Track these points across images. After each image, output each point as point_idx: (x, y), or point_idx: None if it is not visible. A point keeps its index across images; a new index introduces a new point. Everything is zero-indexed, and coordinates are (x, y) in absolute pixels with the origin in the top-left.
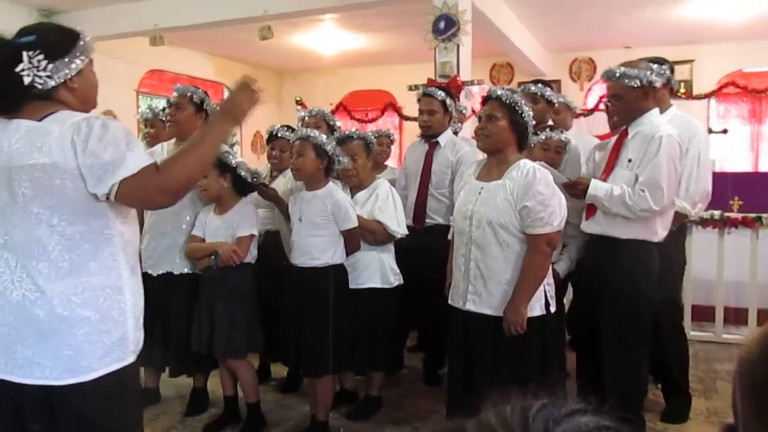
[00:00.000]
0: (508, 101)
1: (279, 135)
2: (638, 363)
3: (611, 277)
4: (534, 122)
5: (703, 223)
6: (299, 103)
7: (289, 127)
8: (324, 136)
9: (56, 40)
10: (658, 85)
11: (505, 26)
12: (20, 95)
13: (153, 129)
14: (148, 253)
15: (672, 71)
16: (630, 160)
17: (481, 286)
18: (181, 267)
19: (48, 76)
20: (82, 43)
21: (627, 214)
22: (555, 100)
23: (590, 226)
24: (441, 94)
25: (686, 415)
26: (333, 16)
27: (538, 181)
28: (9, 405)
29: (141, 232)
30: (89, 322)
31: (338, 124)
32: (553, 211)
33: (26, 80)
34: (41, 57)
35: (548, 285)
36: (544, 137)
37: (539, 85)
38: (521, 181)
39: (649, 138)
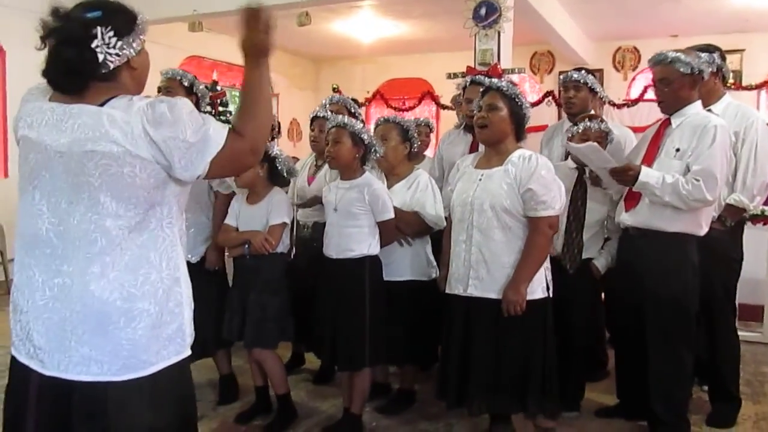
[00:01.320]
0: (508, 92)
1: (320, 115)
2: (685, 364)
3: (656, 273)
4: (576, 111)
5: (753, 219)
6: (336, 90)
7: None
8: (361, 124)
9: (121, 17)
10: (707, 75)
11: (548, 13)
12: (92, 74)
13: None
14: None
15: (723, 59)
16: (678, 150)
17: (483, 270)
18: (196, 256)
19: (117, 54)
20: (140, 21)
21: (678, 203)
22: (599, 90)
23: (631, 218)
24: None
25: (734, 419)
26: (372, 3)
27: (540, 166)
28: (59, 406)
29: None
30: (148, 315)
31: (360, 111)
32: (555, 195)
33: (100, 57)
34: (111, 34)
35: (546, 269)
36: (582, 127)
37: (582, 72)
38: (523, 165)
39: (701, 127)
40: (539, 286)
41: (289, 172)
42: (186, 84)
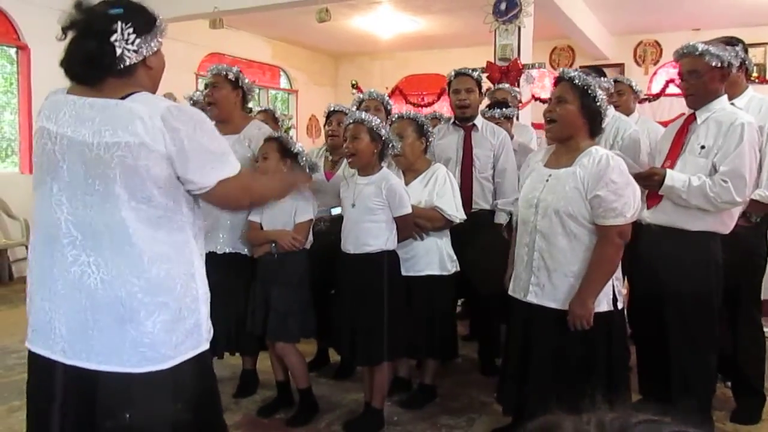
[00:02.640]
0: (580, 83)
1: (337, 110)
2: (708, 361)
3: (679, 271)
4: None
5: None
6: (355, 86)
7: (356, 108)
8: (378, 120)
9: (141, 17)
10: (734, 69)
11: (568, 7)
12: (109, 67)
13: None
14: None
15: (746, 51)
16: (703, 147)
17: (545, 277)
18: (224, 246)
19: (134, 51)
20: (159, 23)
21: (706, 206)
22: (606, 86)
23: (655, 216)
24: (476, 73)
25: (758, 416)
26: None
27: (611, 170)
28: (82, 395)
29: None
30: (167, 310)
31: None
32: (627, 201)
33: (118, 51)
34: (131, 30)
35: (617, 280)
36: None
37: (591, 76)
38: (593, 168)
39: (727, 124)
40: (605, 298)
41: (311, 168)
42: (231, 78)
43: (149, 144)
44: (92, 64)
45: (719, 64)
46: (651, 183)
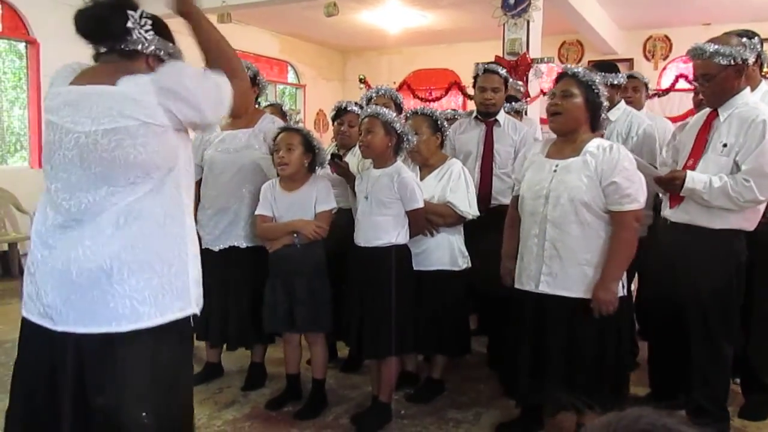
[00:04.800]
0: (584, 78)
1: (348, 109)
2: (725, 356)
3: (701, 269)
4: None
5: None
6: (363, 81)
7: (366, 103)
8: (393, 114)
9: (165, 28)
10: (751, 62)
11: (577, 2)
12: (116, 36)
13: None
14: (208, 229)
15: (762, 45)
16: (725, 145)
17: (557, 266)
18: (246, 241)
19: (144, 37)
20: (177, 48)
21: (729, 206)
22: (617, 81)
23: (677, 215)
24: (503, 71)
25: (767, 412)
26: None
27: (623, 157)
28: (73, 363)
29: (197, 208)
30: (151, 269)
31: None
32: (639, 187)
33: (128, 23)
34: (149, 23)
35: None
36: None
37: (599, 74)
38: (605, 156)
39: (749, 121)
40: (618, 285)
41: (321, 164)
42: (249, 75)
43: (149, 122)
44: (101, 23)
45: (731, 62)
46: (672, 186)
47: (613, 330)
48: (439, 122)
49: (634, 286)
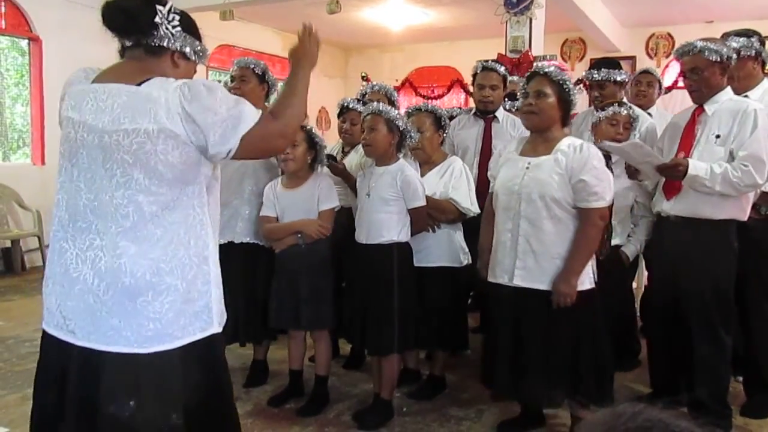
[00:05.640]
0: (556, 78)
1: (351, 107)
2: (726, 348)
3: (700, 260)
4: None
5: None
6: (365, 78)
7: (360, 99)
8: (396, 111)
9: (193, 25)
10: (733, 61)
11: None
12: (142, 30)
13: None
14: None
15: (762, 44)
16: (718, 136)
17: (531, 261)
18: (242, 236)
19: (171, 34)
20: (204, 47)
21: (730, 191)
22: (620, 78)
23: (675, 207)
24: (502, 68)
25: None
26: None
27: (592, 156)
28: (87, 376)
29: None
30: (176, 291)
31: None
32: (606, 185)
33: (157, 18)
34: (178, 18)
35: (593, 260)
36: (611, 112)
37: (603, 70)
38: (575, 155)
39: (740, 112)
40: (587, 278)
41: (322, 162)
42: (258, 72)
43: (169, 129)
44: (129, 16)
45: (718, 59)
46: (676, 173)
47: (588, 322)
48: (442, 119)
49: (635, 285)
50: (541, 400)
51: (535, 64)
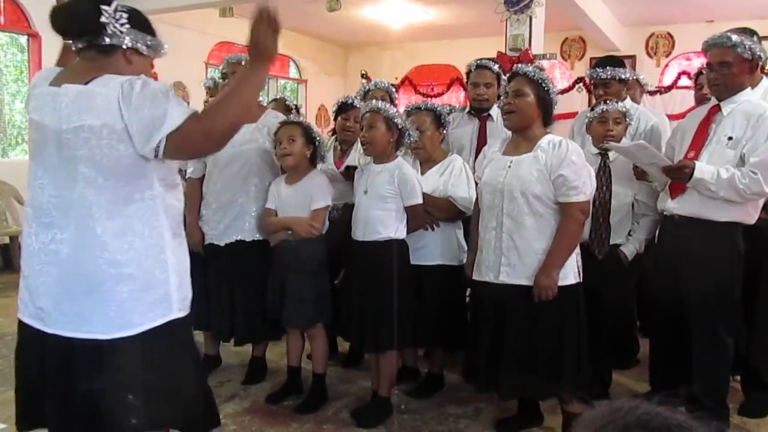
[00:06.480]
0: (535, 77)
1: (353, 104)
2: (727, 350)
3: (703, 261)
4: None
5: None
6: (364, 76)
7: (362, 98)
8: (395, 109)
9: (142, 19)
10: (762, 62)
11: None
12: (90, 31)
13: (213, 98)
14: (212, 224)
15: (760, 44)
16: (731, 138)
17: (515, 257)
18: (252, 234)
19: (119, 31)
20: (157, 40)
21: (735, 197)
22: (624, 76)
23: (680, 207)
24: (495, 66)
25: (767, 409)
26: None
27: (571, 152)
28: (60, 359)
29: (200, 203)
30: (134, 280)
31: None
32: (585, 180)
33: (103, 18)
34: (125, 16)
35: (577, 254)
36: (599, 111)
37: (607, 68)
38: (554, 151)
39: (755, 116)
40: (571, 272)
41: (322, 158)
42: None
43: (110, 124)
44: (74, 19)
45: (750, 57)
46: (681, 175)
47: (572, 316)
48: (442, 117)
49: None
50: (519, 392)
51: (515, 66)
